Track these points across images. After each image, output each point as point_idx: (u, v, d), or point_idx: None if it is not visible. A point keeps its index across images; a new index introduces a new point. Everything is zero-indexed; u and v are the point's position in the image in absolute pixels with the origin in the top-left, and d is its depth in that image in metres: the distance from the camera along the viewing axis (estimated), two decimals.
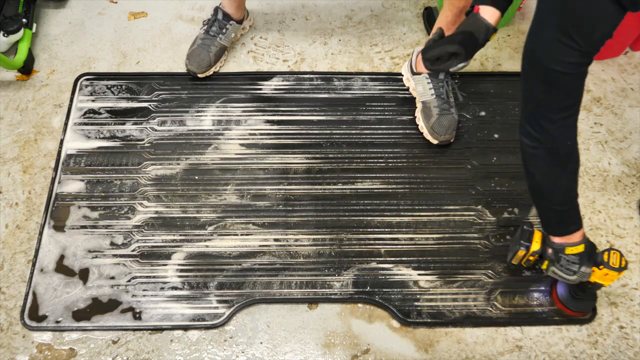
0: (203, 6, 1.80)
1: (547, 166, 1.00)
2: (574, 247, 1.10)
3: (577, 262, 1.11)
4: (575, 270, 1.12)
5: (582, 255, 1.11)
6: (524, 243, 1.18)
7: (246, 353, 1.25)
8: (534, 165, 1.02)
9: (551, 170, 1.01)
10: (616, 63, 1.68)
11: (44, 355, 1.25)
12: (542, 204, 1.09)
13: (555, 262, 1.14)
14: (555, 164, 0.99)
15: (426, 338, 1.28)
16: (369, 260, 1.36)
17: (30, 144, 1.53)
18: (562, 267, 1.13)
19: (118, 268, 1.34)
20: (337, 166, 1.48)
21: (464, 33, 1.04)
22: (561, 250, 1.11)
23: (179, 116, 1.56)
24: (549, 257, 1.15)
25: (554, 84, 0.91)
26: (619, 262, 1.12)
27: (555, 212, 1.07)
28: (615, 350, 1.27)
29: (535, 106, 0.96)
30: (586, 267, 1.12)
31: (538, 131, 0.97)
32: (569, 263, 1.12)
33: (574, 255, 1.11)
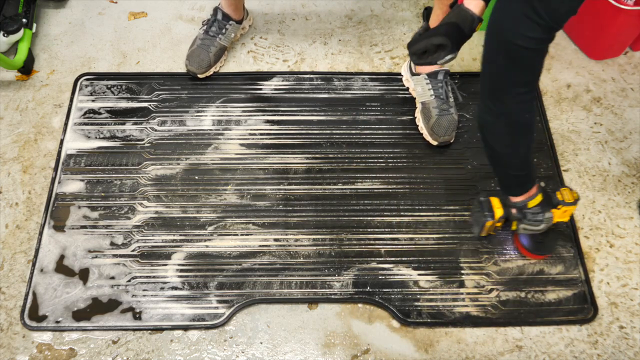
0: (203, 6, 1.80)
1: (507, 138, 1.05)
2: (534, 199, 1.17)
3: (540, 211, 1.19)
4: (541, 219, 1.19)
5: (542, 203, 1.18)
6: (488, 213, 1.24)
7: (246, 353, 1.25)
8: (495, 139, 1.07)
9: (512, 142, 1.06)
10: (616, 63, 1.68)
11: (44, 355, 1.25)
12: (503, 172, 1.16)
13: (522, 219, 1.21)
14: (515, 135, 1.04)
15: (426, 338, 1.28)
16: (369, 260, 1.36)
17: (30, 144, 1.53)
18: (529, 222, 1.20)
19: (118, 268, 1.34)
20: (337, 166, 1.48)
21: (449, 24, 1.04)
22: (524, 206, 1.19)
23: (179, 116, 1.56)
24: (515, 216, 1.21)
25: (517, 60, 0.93)
26: (571, 197, 1.20)
27: (516, 177, 1.15)
28: (615, 350, 1.27)
29: (496, 82, 0.99)
30: (548, 213, 1.19)
31: (498, 107, 1.01)
32: (534, 215, 1.19)
33: (536, 207, 1.18)
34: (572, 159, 1.52)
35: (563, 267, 1.35)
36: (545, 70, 1.66)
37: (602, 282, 1.34)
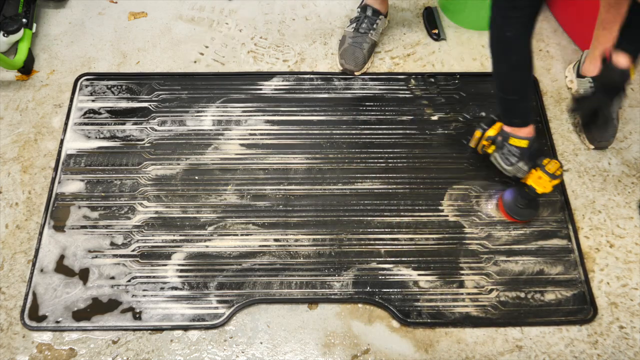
0: (203, 6, 1.80)
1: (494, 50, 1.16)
2: (518, 140, 1.23)
3: (517, 155, 1.25)
4: (513, 162, 1.26)
5: (524, 150, 1.24)
6: (483, 126, 1.32)
7: (246, 353, 1.25)
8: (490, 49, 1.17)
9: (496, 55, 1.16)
10: None
11: (44, 355, 1.25)
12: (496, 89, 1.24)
13: (499, 148, 1.28)
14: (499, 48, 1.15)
15: (426, 338, 1.28)
16: (369, 260, 1.36)
17: (30, 144, 1.53)
18: (503, 155, 1.27)
19: (118, 268, 1.34)
20: (337, 166, 1.48)
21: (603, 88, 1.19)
22: (507, 138, 1.25)
23: (179, 116, 1.56)
24: (497, 143, 1.29)
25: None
26: (554, 170, 1.22)
27: (501, 99, 1.22)
28: (615, 350, 1.27)
29: None
30: (524, 164, 1.25)
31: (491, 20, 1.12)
32: (510, 153, 1.25)
33: (516, 148, 1.24)
34: (572, 159, 1.52)
35: (563, 268, 1.35)
36: (545, 71, 1.66)
37: (602, 282, 1.34)
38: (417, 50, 1.71)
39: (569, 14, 1.72)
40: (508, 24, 1.10)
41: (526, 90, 1.21)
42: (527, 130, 1.25)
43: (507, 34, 1.11)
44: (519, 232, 1.39)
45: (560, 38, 1.73)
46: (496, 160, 1.31)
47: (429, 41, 1.73)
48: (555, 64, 1.68)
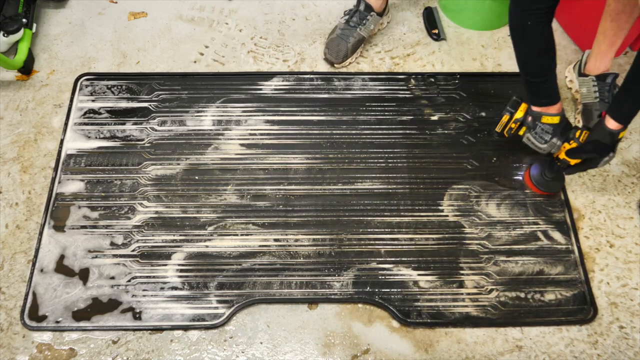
0: (203, 6, 1.80)
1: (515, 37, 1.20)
2: (550, 117, 1.27)
3: (550, 132, 1.28)
4: (547, 139, 1.29)
5: (556, 127, 1.28)
6: (510, 109, 1.33)
7: (246, 353, 1.25)
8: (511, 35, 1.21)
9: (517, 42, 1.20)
10: (616, 63, 1.68)
11: (44, 355, 1.25)
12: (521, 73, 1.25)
13: (531, 129, 1.31)
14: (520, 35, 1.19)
15: (426, 338, 1.28)
16: (369, 260, 1.36)
17: (30, 144, 1.53)
18: (536, 135, 1.30)
19: (118, 268, 1.34)
20: (337, 166, 1.48)
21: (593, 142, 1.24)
22: (538, 118, 1.28)
23: (179, 116, 1.56)
24: (528, 124, 1.31)
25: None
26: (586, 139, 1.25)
27: (527, 82, 1.25)
28: (615, 350, 1.27)
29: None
30: (557, 139, 1.28)
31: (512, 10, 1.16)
32: (543, 132, 1.28)
33: (548, 125, 1.28)
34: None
35: (563, 268, 1.35)
36: None
37: (602, 282, 1.34)
38: (417, 50, 1.71)
39: (569, 14, 1.72)
40: (528, 14, 1.13)
41: (550, 72, 1.22)
42: (556, 107, 1.27)
43: (528, 23, 1.14)
44: (519, 232, 1.39)
45: (561, 38, 1.73)
46: (529, 140, 1.33)
47: (429, 41, 1.73)
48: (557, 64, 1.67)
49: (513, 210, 1.42)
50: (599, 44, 1.48)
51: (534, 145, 1.34)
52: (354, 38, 1.62)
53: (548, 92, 1.25)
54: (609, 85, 1.50)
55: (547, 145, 1.31)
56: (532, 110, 1.30)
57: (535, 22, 1.14)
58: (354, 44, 1.62)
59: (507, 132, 1.37)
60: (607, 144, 1.23)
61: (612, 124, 1.21)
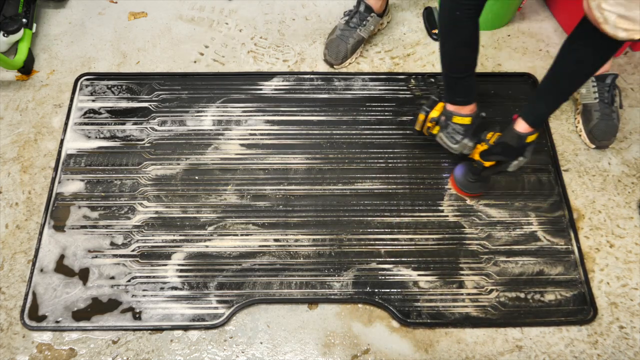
0: (203, 6, 1.80)
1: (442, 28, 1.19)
2: (461, 118, 1.27)
3: (461, 132, 1.29)
4: (458, 140, 1.30)
5: (468, 127, 1.29)
6: (426, 108, 1.33)
7: (246, 353, 1.25)
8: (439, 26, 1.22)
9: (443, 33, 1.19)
10: (616, 63, 1.68)
11: (44, 355, 1.25)
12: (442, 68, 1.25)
13: (444, 128, 1.31)
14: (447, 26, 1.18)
15: (426, 338, 1.28)
16: (369, 260, 1.36)
17: (30, 144, 1.53)
18: (448, 134, 1.31)
19: (118, 268, 1.34)
20: (337, 166, 1.48)
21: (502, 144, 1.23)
22: (450, 117, 1.29)
23: (179, 116, 1.56)
24: (441, 123, 1.32)
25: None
26: None
27: (446, 77, 1.25)
28: (615, 350, 1.27)
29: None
30: (468, 140, 1.29)
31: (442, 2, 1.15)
32: (454, 132, 1.29)
33: (460, 125, 1.29)
34: (572, 159, 1.51)
35: (563, 268, 1.35)
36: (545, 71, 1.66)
37: (602, 282, 1.34)
38: (417, 50, 1.71)
39: (569, 14, 1.72)
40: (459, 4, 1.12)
41: (470, 69, 1.23)
42: (469, 107, 1.28)
43: (457, 13, 1.13)
44: (519, 233, 1.39)
45: (561, 38, 1.73)
46: (442, 139, 1.34)
47: (429, 41, 1.73)
48: None
49: (513, 211, 1.42)
50: None
51: (446, 145, 1.34)
52: (353, 39, 1.62)
53: (465, 90, 1.26)
54: (608, 86, 1.50)
55: (458, 146, 1.31)
56: (446, 110, 1.31)
57: (464, 14, 1.13)
58: (353, 45, 1.62)
59: (426, 131, 1.37)
60: (514, 146, 1.21)
61: (521, 127, 1.19)
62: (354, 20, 1.62)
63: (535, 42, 1.73)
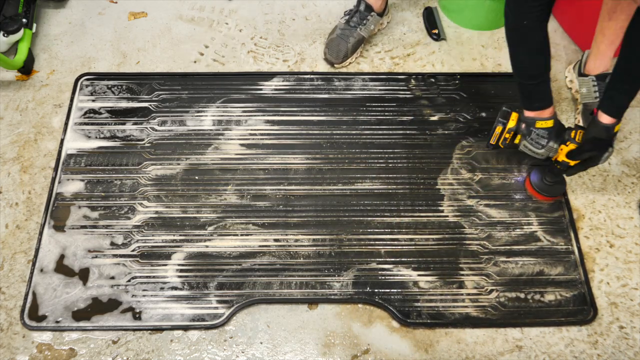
0: (203, 6, 1.80)
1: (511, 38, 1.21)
2: (544, 122, 1.27)
3: (545, 136, 1.28)
4: (544, 144, 1.29)
5: (551, 130, 1.28)
6: (502, 120, 1.32)
7: (246, 353, 1.25)
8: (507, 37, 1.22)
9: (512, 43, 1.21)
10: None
11: (44, 355, 1.25)
12: (515, 76, 1.26)
13: (526, 135, 1.30)
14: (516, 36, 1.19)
15: (426, 338, 1.28)
16: (369, 260, 1.36)
17: (30, 144, 1.53)
18: (532, 141, 1.30)
19: (118, 268, 1.34)
20: (337, 166, 1.48)
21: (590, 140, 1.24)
22: (532, 124, 1.28)
23: (179, 116, 1.56)
24: (522, 131, 1.31)
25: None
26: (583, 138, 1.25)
27: (522, 85, 1.25)
28: (615, 350, 1.27)
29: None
30: (554, 143, 1.28)
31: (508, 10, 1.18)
32: (539, 137, 1.29)
33: (543, 130, 1.28)
34: None
35: (563, 268, 1.35)
36: None
37: (602, 282, 1.34)
38: (417, 50, 1.71)
39: (569, 14, 1.72)
40: (525, 13, 1.13)
41: (545, 74, 1.23)
42: (549, 110, 1.27)
43: (524, 22, 1.14)
44: (519, 233, 1.39)
45: (561, 38, 1.73)
46: (526, 147, 1.33)
47: (429, 41, 1.73)
48: (555, 64, 1.68)
49: (513, 211, 1.42)
50: (597, 43, 1.48)
51: (531, 152, 1.33)
52: (354, 38, 1.62)
53: (541, 95, 1.25)
54: None
55: (544, 150, 1.30)
56: (525, 117, 1.30)
57: (531, 21, 1.14)
58: (354, 44, 1.62)
59: (502, 143, 1.35)
60: (604, 139, 1.23)
61: (606, 119, 1.21)
62: (354, 19, 1.62)
63: None
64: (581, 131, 1.27)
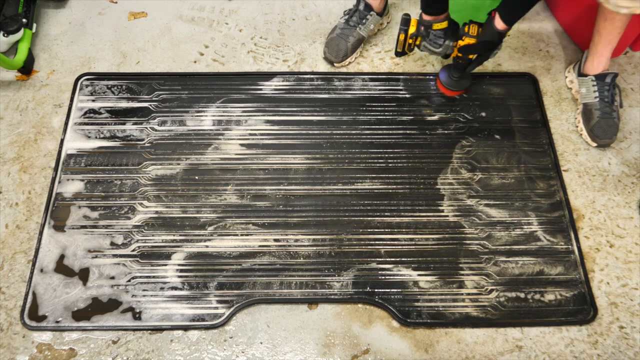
0: (203, 6, 1.80)
1: None
2: (440, 24, 1.40)
3: (442, 36, 1.42)
4: (441, 43, 1.43)
5: (446, 30, 1.41)
6: (403, 27, 1.44)
7: (246, 353, 1.25)
8: None
9: None
10: (616, 63, 1.68)
11: (44, 355, 1.25)
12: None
13: (425, 37, 1.44)
14: None
15: (426, 338, 1.28)
16: (369, 260, 1.36)
17: (30, 144, 1.53)
18: (430, 41, 1.44)
19: (118, 268, 1.34)
20: (337, 166, 1.48)
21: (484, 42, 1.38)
22: (429, 26, 1.41)
23: (179, 116, 1.56)
24: (422, 33, 1.44)
25: None
26: (476, 31, 1.38)
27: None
28: (615, 350, 1.27)
29: None
30: (449, 41, 1.42)
31: None
32: (436, 37, 1.42)
33: (439, 30, 1.41)
34: (572, 159, 1.52)
35: (563, 268, 1.35)
36: (545, 71, 1.66)
37: (602, 282, 1.34)
38: (417, 50, 1.71)
39: (569, 14, 1.72)
40: None
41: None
42: (444, 14, 1.41)
43: None
44: (519, 233, 1.39)
45: (561, 38, 1.74)
46: (426, 47, 1.46)
47: None
48: (555, 64, 1.68)
49: (513, 211, 1.42)
50: (595, 44, 1.49)
51: (430, 51, 1.46)
52: (353, 37, 1.62)
53: (437, 2, 1.38)
54: (608, 85, 1.50)
55: (442, 49, 1.44)
56: (424, 20, 1.42)
57: None
58: (353, 43, 1.62)
59: (408, 49, 1.48)
60: (494, 42, 1.37)
61: (500, 25, 1.32)
62: (354, 18, 1.62)
63: (535, 42, 1.73)
64: (474, 25, 1.39)
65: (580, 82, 1.55)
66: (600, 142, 1.49)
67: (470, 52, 1.42)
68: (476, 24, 1.39)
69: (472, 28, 1.39)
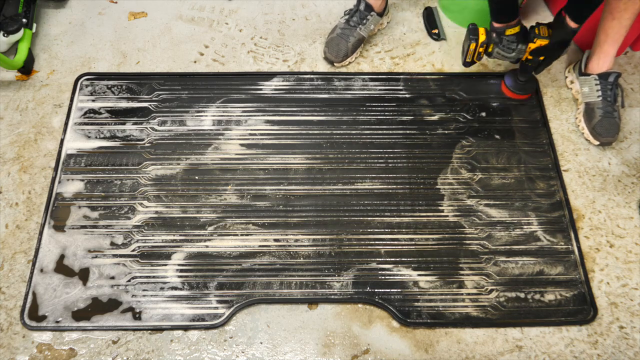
0: (203, 6, 1.80)
1: None
2: (512, 29, 1.41)
3: (515, 40, 1.43)
4: (514, 48, 1.43)
5: (519, 34, 1.42)
6: (473, 37, 1.44)
7: (246, 353, 1.25)
8: None
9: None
10: (616, 63, 1.68)
11: (44, 355, 1.25)
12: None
13: (498, 43, 1.44)
14: None
15: (426, 338, 1.28)
16: (369, 260, 1.36)
17: (30, 144, 1.53)
18: (503, 47, 1.44)
19: (118, 268, 1.34)
20: (337, 166, 1.48)
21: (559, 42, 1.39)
22: (502, 32, 1.42)
23: (179, 116, 1.56)
24: (494, 40, 1.44)
25: None
26: (547, 33, 1.39)
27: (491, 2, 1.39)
28: (615, 350, 1.27)
29: None
30: (522, 45, 1.43)
31: None
32: (509, 42, 1.43)
33: (512, 35, 1.42)
34: (572, 159, 1.52)
35: (563, 268, 1.35)
36: (545, 71, 1.66)
37: (602, 282, 1.34)
38: (417, 50, 1.71)
39: None
40: None
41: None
42: (516, 20, 1.42)
43: None
44: (519, 233, 1.39)
45: None
46: (499, 54, 1.46)
47: (429, 41, 1.73)
48: (555, 64, 1.68)
49: (513, 211, 1.42)
50: (600, 43, 1.49)
51: (503, 57, 1.46)
52: (354, 37, 1.62)
53: (510, 9, 1.39)
54: (611, 84, 1.50)
55: (515, 53, 1.44)
56: (495, 27, 1.43)
57: None
58: (354, 43, 1.62)
59: (477, 58, 1.48)
60: (568, 40, 1.38)
61: (573, 24, 1.33)
62: (354, 19, 1.62)
63: None
64: (543, 27, 1.39)
65: (582, 81, 1.55)
66: (603, 139, 1.49)
67: (543, 54, 1.43)
68: (544, 25, 1.40)
69: (542, 30, 1.40)
